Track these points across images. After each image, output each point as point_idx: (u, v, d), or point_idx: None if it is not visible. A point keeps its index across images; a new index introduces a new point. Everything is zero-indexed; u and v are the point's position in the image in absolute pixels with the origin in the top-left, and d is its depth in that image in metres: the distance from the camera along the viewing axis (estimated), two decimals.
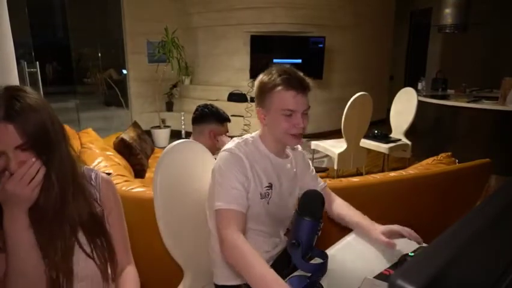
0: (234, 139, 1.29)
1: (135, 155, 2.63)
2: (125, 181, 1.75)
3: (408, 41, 8.14)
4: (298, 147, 1.43)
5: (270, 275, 0.94)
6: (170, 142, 1.36)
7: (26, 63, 3.08)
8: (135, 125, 3.11)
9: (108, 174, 1.14)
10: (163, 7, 5.74)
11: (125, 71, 5.98)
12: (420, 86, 4.98)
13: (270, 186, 1.26)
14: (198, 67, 6.04)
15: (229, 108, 4.21)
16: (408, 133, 3.89)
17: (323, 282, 1.02)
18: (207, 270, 1.34)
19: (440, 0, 5.40)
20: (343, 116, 3.35)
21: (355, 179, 1.87)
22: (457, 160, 2.18)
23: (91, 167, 1.29)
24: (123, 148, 2.59)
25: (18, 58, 1.84)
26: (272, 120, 1.24)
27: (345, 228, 1.33)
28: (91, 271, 0.96)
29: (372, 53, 6.60)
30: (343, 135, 3.45)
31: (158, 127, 5.64)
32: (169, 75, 5.61)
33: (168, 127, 5.71)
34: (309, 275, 1.01)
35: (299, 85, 1.21)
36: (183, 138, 2.55)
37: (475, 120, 4.09)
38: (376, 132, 3.89)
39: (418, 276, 0.37)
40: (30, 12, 3.97)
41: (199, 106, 2.05)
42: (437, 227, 0.77)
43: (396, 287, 0.37)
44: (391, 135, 3.97)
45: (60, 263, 0.90)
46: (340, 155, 3.48)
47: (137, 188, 1.65)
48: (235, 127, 4.92)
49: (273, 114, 1.23)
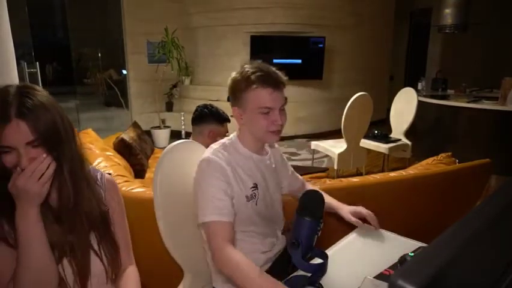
0: (211, 145, 1.27)
1: (135, 155, 2.63)
2: (125, 181, 1.75)
3: (408, 41, 8.14)
4: (275, 144, 1.42)
5: (266, 282, 0.95)
6: (170, 142, 1.36)
7: (26, 63, 3.07)
8: (135, 125, 3.11)
9: (108, 174, 1.15)
10: (163, 7, 5.74)
11: (125, 71, 5.98)
12: (420, 86, 4.98)
13: (256, 186, 1.24)
14: (198, 67, 6.04)
15: (229, 108, 4.17)
16: (408, 133, 3.90)
17: (323, 282, 1.02)
18: (206, 270, 1.34)
19: (440, 0, 5.40)
20: (343, 116, 3.35)
21: (355, 179, 1.87)
22: (457, 160, 2.18)
23: None
24: (123, 148, 2.59)
25: (18, 58, 1.84)
26: (249, 119, 1.22)
27: (346, 228, 1.33)
28: (97, 270, 0.97)
29: (372, 53, 6.60)
30: (343, 135, 3.46)
31: (158, 127, 5.64)
32: (169, 76, 5.60)
33: (168, 127, 5.71)
34: (309, 275, 1.01)
35: (275, 82, 1.19)
36: (183, 138, 2.55)
37: (474, 120, 4.09)
38: (376, 132, 3.90)
39: (418, 276, 0.37)
40: (30, 12, 3.96)
41: (199, 106, 2.05)
42: (437, 227, 0.77)
43: (396, 287, 0.37)
44: (391, 135, 3.98)
45: (77, 261, 0.92)
46: (340, 155, 3.48)
47: (137, 188, 1.65)
48: (235, 127, 4.91)
49: (250, 113, 1.21)
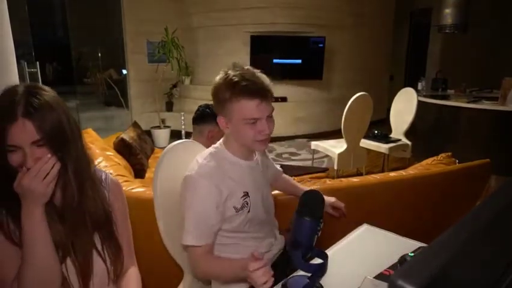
0: (197, 158, 1.21)
1: (135, 155, 2.63)
2: (125, 181, 1.74)
3: (408, 41, 8.14)
4: None
5: (234, 261, 1.09)
6: (170, 142, 1.36)
7: (26, 63, 3.07)
8: (135, 125, 3.11)
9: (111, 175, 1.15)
10: (163, 7, 5.74)
11: (125, 71, 5.98)
12: (420, 86, 4.98)
13: (247, 194, 1.20)
14: (198, 67, 6.03)
15: None
16: (408, 133, 3.89)
17: (323, 282, 1.02)
18: None
19: (440, 0, 5.40)
20: (343, 116, 3.35)
21: (355, 179, 1.87)
22: (457, 160, 2.18)
23: None
24: (123, 148, 2.59)
25: (19, 58, 1.83)
26: (236, 129, 1.16)
27: (346, 228, 1.33)
28: (100, 270, 0.97)
29: (372, 53, 6.60)
30: (343, 135, 3.45)
31: (158, 127, 5.64)
32: (169, 75, 5.60)
33: (168, 127, 5.71)
34: (309, 275, 1.01)
35: (262, 92, 1.12)
36: (183, 138, 2.55)
37: (474, 120, 4.09)
38: (376, 132, 3.89)
39: (418, 276, 0.37)
40: (31, 12, 3.96)
41: (201, 106, 2.04)
42: (437, 227, 0.77)
43: (396, 287, 0.37)
44: (391, 135, 3.97)
45: (80, 261, 0.92)
46: (340, 155, 3.48)
47: (137, 188, 1.64)
48: None
49: (236, 123, 1.14)
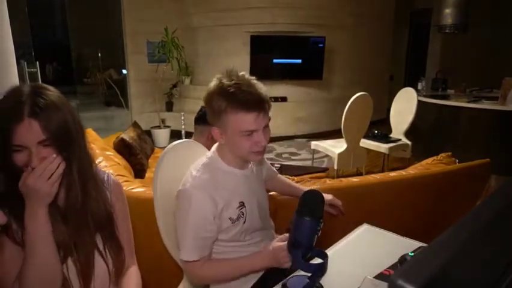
0: (190, 169, 1.18)
1: (135, 155, 2.63)
2: (125, 181, 1.74)
3: (408, 41, 8.14)
4: None
5: (241, 261, 1.11)
6: (170, 142, 1.36)
7: (26, 63, 3.07)
8: (135, 125, 3.11)
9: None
10: (163, 7, 5.74)
11: (125, 71, 5.98)
12: (420, 86, 4.98)
13: (242, 204, 1.18)
14: (198, 67, 6.03)
15: None
16: (408, 133, 3.89)
17: (323, 282, 1.02)
18: None
19: (440, 0, 5.40)
20: (343, 116, 3.35)
21: (355, 179, 1.87)
22: (457, 160, 2.18)
23: None
24: (123, 148, 2.59)
25: (19, 58, 1.84)
26: (231, 141, 1.12)
27: (346, 228, 1.33)
28: (101, 270, 0.97)
29: (372, 53, 6.60)
30: (343, 135, 3.45)
31: (158, 127, 5.64)
32: (169, 75, 5.60)
33: (168, 127, 5.71)
34: (309, 275, 1.01)
35: (259, 104, 1.07)
36: (183, 138, 2.54)
37: (474, 120, 4.09)
38: (376, 132, 3.89)
39: (418, 276, 0.37)
40: (31, 12, 3.96)
41: (203, 107, 2.04)
42: (437, 227, 0.77)
43: (396, 287, 0.37)
44: (391, 135, 3.97)
45: (82, 261, 0.92)
46: (340, 155, 3.48)
47: (137, 188, 1.65)
48: None
49: (232, 135, 1.11)
